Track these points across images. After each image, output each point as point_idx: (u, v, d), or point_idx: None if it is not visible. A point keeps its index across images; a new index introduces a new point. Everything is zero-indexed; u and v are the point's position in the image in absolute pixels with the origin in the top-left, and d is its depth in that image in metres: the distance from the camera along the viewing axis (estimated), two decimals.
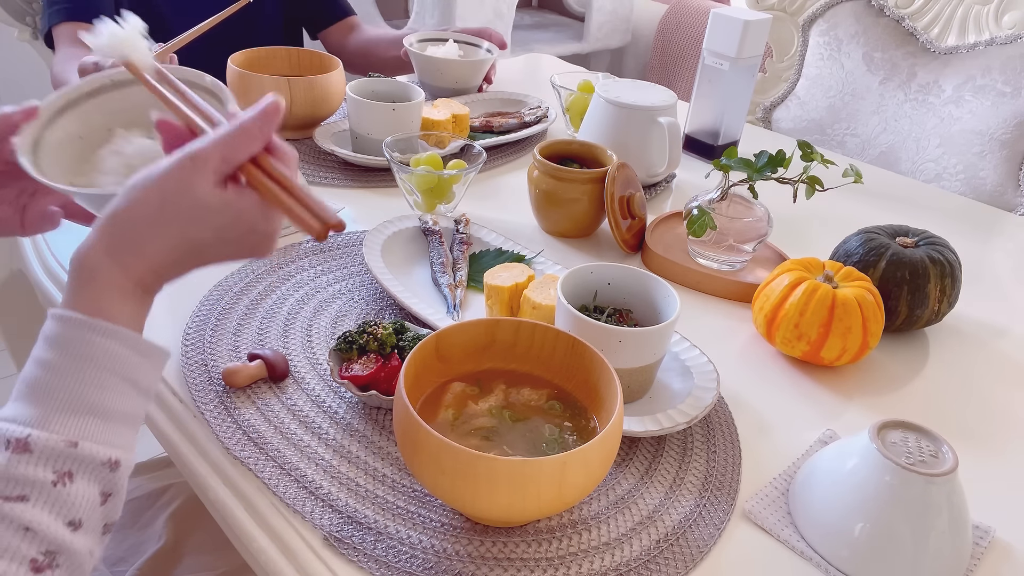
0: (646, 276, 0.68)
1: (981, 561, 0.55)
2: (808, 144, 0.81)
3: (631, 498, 0.58)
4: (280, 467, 0.57)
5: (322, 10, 1.52)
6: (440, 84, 1.27)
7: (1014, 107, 1.26)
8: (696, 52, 2.25)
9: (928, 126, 1.36)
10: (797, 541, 0.55)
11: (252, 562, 0.54)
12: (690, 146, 1.17)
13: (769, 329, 0.73)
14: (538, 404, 0.58)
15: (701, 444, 0.63)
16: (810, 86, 1.51)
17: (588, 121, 1.05)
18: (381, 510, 0.54)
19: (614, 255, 0.90)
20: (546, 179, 0.89)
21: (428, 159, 0.89)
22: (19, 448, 0.42)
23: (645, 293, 0.68)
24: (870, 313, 0.70)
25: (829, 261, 0.78)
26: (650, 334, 0.62)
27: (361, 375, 0.61)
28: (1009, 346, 0.81)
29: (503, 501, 0.48)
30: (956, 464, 0.52)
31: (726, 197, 0.85)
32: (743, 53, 1.06)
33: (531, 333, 0.59)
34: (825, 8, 1.47)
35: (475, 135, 1.13)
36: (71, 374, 0.44)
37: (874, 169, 1.24)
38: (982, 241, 1.06)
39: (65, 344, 0.44)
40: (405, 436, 0.50)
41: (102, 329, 0.45)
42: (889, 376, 0.75)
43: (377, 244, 0.80)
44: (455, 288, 0.77)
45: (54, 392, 0.44)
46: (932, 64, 1.37)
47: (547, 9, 2.90)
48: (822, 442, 0.64)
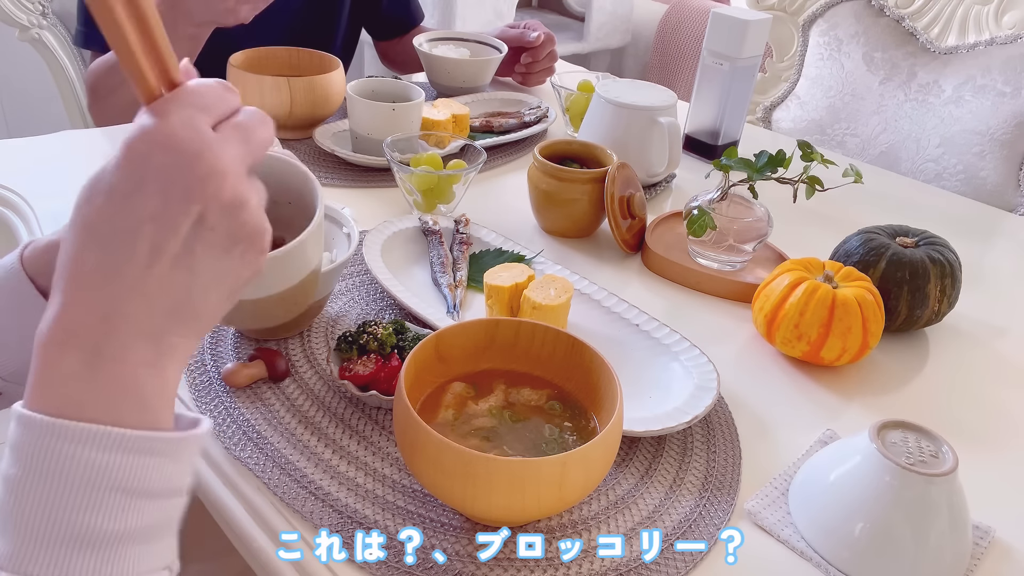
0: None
1: (981, 561, 0.55)
2: (808, 144, 0.81)
3: (631, 498, 0.58)
4: (280, 467, 0.57)
5: (395, 19, 1.50)
6: (448, 83, 1.28)
7: (1014, 107, 1.26)
8: (696, 52, 2.25)
9: (928, 126, 1.36)
10: (797, 541, 0.55)
11: (252, 562, 0.54)
12: (690, 146, 1.17)
13: (769, 329, 0.73)
14: (538, 404, 0.58)
15: (701, 444, 0.63)
16: (810, 86, 1.51)
17: (588, 121, 1.05)
18: (381, 510, 0.54)
19: (614, 255, 0.90)
20: (546, 179, 0.89)
21: (428, 159, 0.89)
22: None
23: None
24: (870, 313, 0.70)
25: (829, 261, 0.78)
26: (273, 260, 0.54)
27: (361, 375, 0.61)
28: (1009, 346, 0.81)
29: (503, 501, 0.48)
30: (956, 464, 0.52)
31: (726, 197, 0.85)
32: (743, 53, 1.06)
33: (531, 333, 0.59)
34: (825, 8, 1.47)
35: (475, 135, 1.13)
36: (40, 497, 0.34)
37: (874, 169, 1.24)
38: (982, 241, 1.06)
39: (27, 456, 0.34)
40: (405, 436, 0.50)
41: (68, 432, 0.34)
42: (889, 376, 0.75)
43: (377, 244, 0.80)
44: (455, 288, 0.77)
45: (24, 520, 0.33)
46: (932, 64, 1.37)
47: (547, 9, 2.90)
48: (822, 442, 0.64)
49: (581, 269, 0.84)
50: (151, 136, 0.35)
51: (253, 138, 0.39)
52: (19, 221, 0.85)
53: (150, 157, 0.35)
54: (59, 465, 0.34)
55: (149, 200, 0.35)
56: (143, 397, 0.36)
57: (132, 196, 0.35)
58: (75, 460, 0.34)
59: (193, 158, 0.36)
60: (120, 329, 0.36)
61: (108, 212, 0.36)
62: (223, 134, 0.37)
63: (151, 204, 0.35)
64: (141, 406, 0.36)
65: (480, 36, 1.37)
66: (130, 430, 0.35)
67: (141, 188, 0.35)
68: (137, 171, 0.35)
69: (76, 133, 1.06)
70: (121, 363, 0.36)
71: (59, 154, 0.99)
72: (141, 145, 0.35)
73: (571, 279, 0.78)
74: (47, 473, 0.34)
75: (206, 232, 0.37)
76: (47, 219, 0.83)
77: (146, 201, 0.35)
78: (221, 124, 0.38)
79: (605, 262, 0.89)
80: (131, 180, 0.35)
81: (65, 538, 0.33)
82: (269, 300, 0.60)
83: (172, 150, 0.35)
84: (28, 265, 0.50)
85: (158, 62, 0.37)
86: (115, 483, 0.34)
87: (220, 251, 0.38)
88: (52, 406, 0.35)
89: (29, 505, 0.34)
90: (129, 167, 0.35)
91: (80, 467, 0.34)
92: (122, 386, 0.36)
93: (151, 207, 0.35)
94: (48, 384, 0.35)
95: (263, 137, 0.40)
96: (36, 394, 0.35)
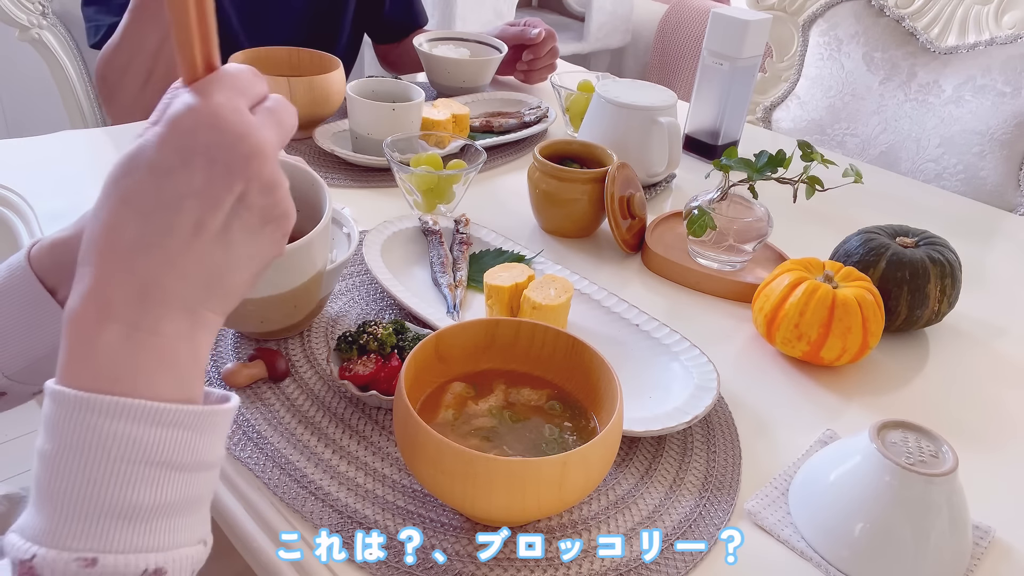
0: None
1: (981, 561, 0.55)
2: (808, 144, 0.81)
3: (631, 498, 0.58)
4: (280, 467, 0.57)
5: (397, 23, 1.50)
6: (448, 83, 1.28)
7: (1014, 107, 1.26)
8: (696, 52, 2.25)
9: (928, 126, 1.36)
10: (797, 541, 0.55)
11: (252, 562, 0.54)
12: (690, 146, 1.17)
13: (769, 329, 0.73)
14: (538, 404, 0.58)
15: (701, 444, 0.63)
16: (810, 86, 1.51)
17: (588, 121, 1.05)
18: (381, 510, 0.54)
19: (614, 255, 0.90)
20: (546, 179, 0.89)
21: (428, 159, 0.89)
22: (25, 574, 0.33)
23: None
24: (870, 313, 0.70)
25: (829, 261, 0.78)
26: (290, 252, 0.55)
27: (361, 375, 0.61)
28: (1009, 346, 0.81)
29: (503, 501, 0.48)
30: (956, 464, 0.52)
31: (726, 197, 0.85)
32: (743, 53, 1.06)
33: (531, 333, 0.59)
34: (825, 8, 1.47)
35: (475, 135, 1.13)
36: (76, 472, 0.34)
37: (874, 169, 1.24)
38: (982, 241, 1.06)
39: (61, 432, 0.34)
40: (405, 436, 0.50)
41: (103, 406, 0.34)
42: (889, 376, 0.75)
43: (377, 244, 0.80)
44: (455, 288, 0.77)
45: (61, 495, 0.34)
46: (932, 64, 1.37)
47: (547, 9, 2.90)
48: (822, 442, 0.64)
49: (581, 269, 0.84)
50: (198, 114, 0.36)
51: (284, 124, 0.40)
52: (19, 221, 0.85)
53: (196, 134, 0.36)
54: (94, 439, 0.34)
55: (194, 175, 0.36)
56: (178, 369, 0.37)
57: (177, 171, 0.36)
58: (109, 433, 0.34)
59: (238, 138, 0.36)
60: (158, 301, 0.36)
61: (151, 186, 0.36)
62: (260, 118, 0.38)
63: (196, 179, 0.36)
64: (176, 378, 0.37)
65: (480, 36, 1.37)
66: (163, 403, 0.35)
67: (187, 163, 0.36)
68: (183, 147, 0.36)
69: (76, 133, 1.06)
70: (159, 335, 0.36)
71: (59, 154, 0.99)
72: (188, 122, 0.36)
73: (571, 279, 0.78)
74: (82, 447, 0.34)
75: (244, 210, 0.38)
76: (47, 219, 0.83)
77: (191, 176, 0.36)
78: (255, 108, 0.39)
79: (605, 262, 0.89)
80: (177, 155, 0.36)
81: (101, 512, 0.34)
82: (273, 299, 0.61)
83: (218, 129, 0.36)
84: (36, 264, 0.50)
85: (205, 45, 0.38)
86: (149, 456, 0.35)
87: (254, 229, 0.39)
88: (87, 380, 0.35)
89: (65, 480, 0.34)
90: (175, 143, 0.36)
91: (114, 440, 0.34)
92: (159, 358, 0.36)
93: (196, 182, 0.36)
94: (83, 358, 0.35)
95: (292, 123, 0.41)
96: (71, 369, 0.35)
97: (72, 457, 0.34)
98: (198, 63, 0.38)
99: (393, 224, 0.84)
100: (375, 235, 0.81)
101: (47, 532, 0.33)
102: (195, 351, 0.38)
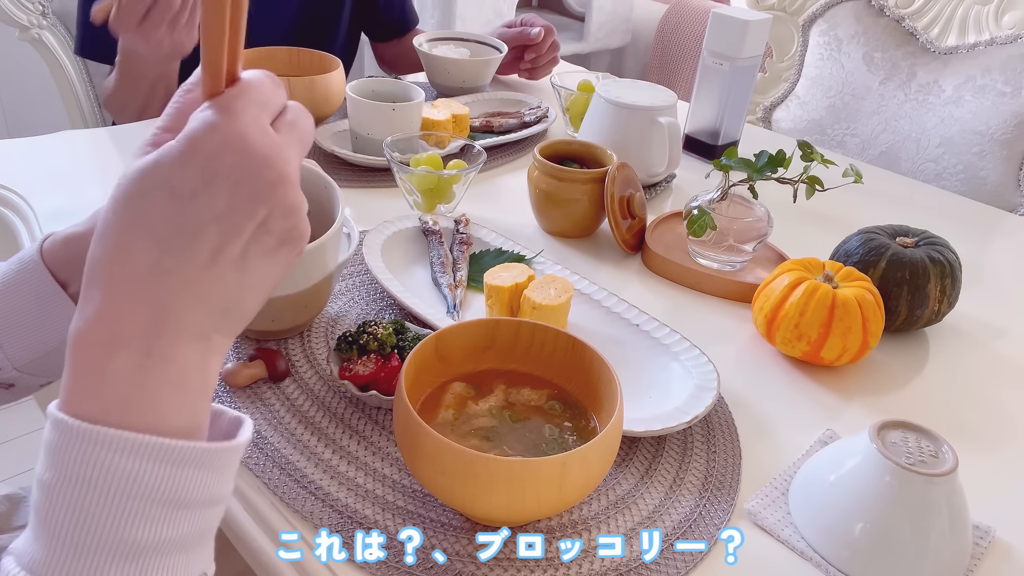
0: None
1: (981, 561, 0.55)
2: (808, 144, 0.81)
3: (631, 498, 0.58)
4: (280, 467, 0.57)
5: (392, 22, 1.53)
6: (448, 83, 1.28)
7: (1014, 107, 1.26)
8: (696, 52, 2.25)
9: (928, 126, 1.36)
10: (797, 541, 0.55)
11: (252, 562, 0.54)
12: (690, 146, 1.17)
13: (769, 329, 0.73)
14: (538, 404, 0.58)
15: (701, 444, 0.63)
16: (810, 86, 1.51)
17: (588, 121, 1.05)
18: (381, 510, 0.54)
19: (614, 255, 0.90)
20: (546, 179, 0.89)
21: (428, 159, 0.89)
22: None
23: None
24: (870, 313, 0.70)
25: (829, 261, 0.78)
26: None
27: (361, 375, 0.61)
28: (1009, 346, 0.81)
29: (503, 501, 0.48)
30: (956, 464, 0.52)
31: (726, 197, 0.85)
32: (743, 53, 1.06)
33: (531, 333, 0.59)
34: (825, 8, 1.47)
35: (475, 135, 1.13)
36: (75, 505, 0.32)
37: (874, 169, 1.24)
38: (982, 241, 1.06)
39: (62, 463, 0.33)
40: (405, 436, 0.50)
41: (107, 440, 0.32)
42: (889, 376, 0.75)
43: (377, 244, 0.80)
44: (455, 288, 0.77)
45: (58, 527, 0.32)
46: (932, 64, 1.37)
47: (547, 9, 2.90)
48: (822, 442, 0.64)
49: (581, 269, 0.84)
50: (223, 136, 0.34)
51: (305, 137, 0.39)
52: (19, 221, 0.85)
53: (222, 157, 0.34)
54: (95, 473, 0.32)
55: (216, 200, 0.34)
56: (189, 396, 0.36)
57: (199, 195, 0.34)
58: (113, 469, 0.32)
59: (264, 164, 0.35)
60: (172, 329, 0.35)
61: (170, 209, 0.34)
62: (283, 136, 0.37)
63: (218, 204, 0.34)
64: (186, 405, 0.35)
65: (480, 36, 1.37)
66: (170, 440, 0.33)
67: (209, 188, 0.34)
68: (206, 170, 0.34)
69: (76, 133, 1.05)
70: (171, 364, 0.35)
71: (59, 154, 0.99)
72: (213, 144, 0.34)
73: (571, 279, 0.78)
74: (82, 480, 0.32)
75: (264, 235, 0.36)
76: (47, 219, 0.83)
77: (213, 201, 0.34)
78: (277, 122, 0.37)
79: (605, 262, 0.89)
80: (200, 178, 0.34)
81: (100, 547, 0.32)
82: (287, 299, 0.62)
83: (245, 153, 0.34)
84: (48, 257, 0.49)
85: (233, 55, 0.36)
86: (154, 494, 0.33)
87: (270, 252, 0.37)
88: (94, 409, 0.33)
89: (64, 512, 0.32)
90: (198, 165, 0.34)
91: (118, 476, 0.32)
92: (170, 387, 0.35)
93: (218, 208, 0.34)
94: (91, 386, 0.34)
95: (311, 134, 0.40)
96: (76, 396, 0.34)
97: (72, 490, 0.32)
98: (223, 74, 0.36)
99: (393, 224, 0.84)
100: (375, 235, 0.81)
101: (42, 564, 0.32)
102: (206, 377, 0.37)
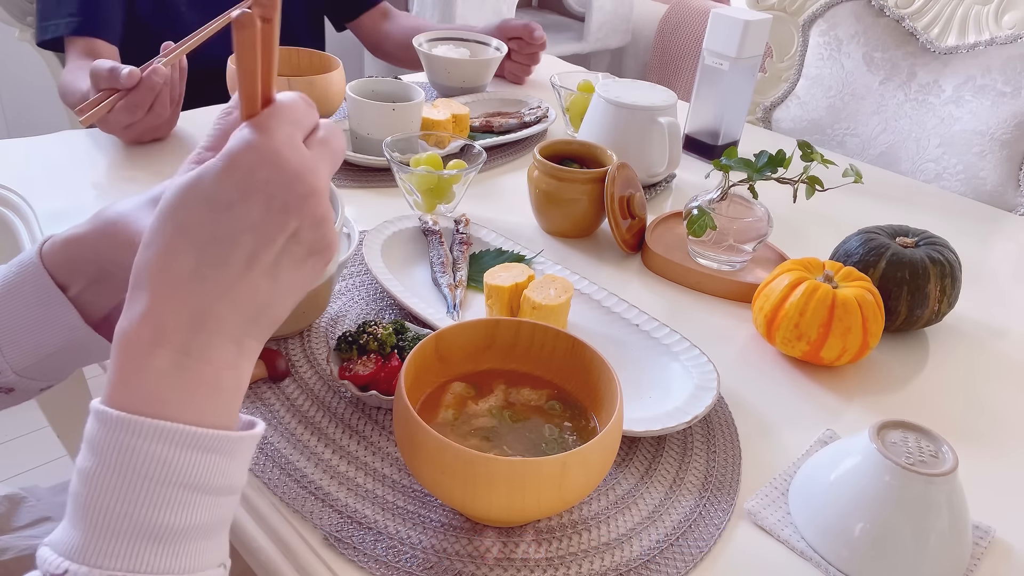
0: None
1: (981, 561, 0.55)
2: (808, 144, 0.81)
3: (631, 498, 0.58)
4: (280, 467, 0.57)
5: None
6: (448, 83, 1.28)
7: (1014, 107, 1.26)
8: (696, 52, 2.25)
9: (928, 126, 1.36)
10: (797, 541, 0.55)
11: (252, 562, 0.54)
12: (690, 146, 1.17)
13: (769, 329, 0.73)
14: (538, 404, 0.58)
15: (701, 444, 0.63)
16: (810, 86, 1.51)
17: (588, 121, 1.05)
18: (381, 510, 0.54)
19: (614, 255, 0.90)
20: (546, 179, 0.89)
21: (428, 159, 0.89)
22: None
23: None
24: (870, 313, 0.70)
25: (829, 261, 0.78)
26: None
27: (361, 375, 0.61)
28: (1009, 346, 0.81)
29: (503, 501, 0.48)
30: (956, 464, 0.52)
31: (726, 197, 0.85)
32: (743, 53, 1.06)
33: (531, 333, 0.59)
34: (825, 8, 1.47)
35: (475, 135, 1.13)
36: (113, 491, 0.35)
37: (874, 169, 1.24)
38: (982, 241, 1.06)
39: (103, 452, 0.35)
40: (405, 436, 0.50)
41: (144, 429, 0.35)
42: (889, 376, 0.75)
43: (377, 244, 0.80)
44: (455, 288, 0.77)
45: (96, 513, 0.35)
46: (932, 64, 1.37)
47: (547, 9, 2.90)
48: (822, 442, 0.64)
49: (581, 269, 0.84)
50: (259, 152, 0.37)
51: (337, 153, 0.42)
52: (19, 221, 0.85)
53: (256, 171, 0.37)
54: (134, 460, 0.35)
55: (251, 211, 0.37)
56: (223, 396, 0.38)
57: (235, 206, 0.37)
58: (148, 455, 0.35)
59: (296, 177, 0.38)
60: (209, 331, 0.38)
61: (208, 219, 0.37)
62: (316, 152, 0.40)
63: (253, 215, 0.38)
64: (220, 404, 0.38)
65: (480, 36, 1.36)
66: (202, 428, 0.36)
67: (245, 199, 0.37)
68: (243, 183, 0.37)
69: (76, 133, 1.05)
70: (208, 363, 0.38)
71: (59, 154, 0.99)
72: (249, 159, 0.37)
73: (571, 279, 0.78)
74: (122, 467, 0.35)
75: (294, 245, 0.39)
76: (47, 219, 0.83)
77: (248, 212, 0.37)
78: (309, 139, 0.40)
79: (605, 262, 0.89)
80: (236, 191, 0.37)
81: (135, 532, 0.35)
82: None
83: (278, 167, 0.38)
84: (47, 260, 0.50)
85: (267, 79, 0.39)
86: (184, 479, 0.36)
87: (300, 262, 0.40)
88: (135, 402, 0.36)
89: (102, 498, 0.35)
90: (234, 178, 0.37)
91: (153, 462, 0.35)
92: (206, 385, 0.38)
93: (252, 218, 0.38)
94: (133, 381, 0.36)
95: (343, 150, 0.43)
96: (119, 390, 0.36)
97: (111, 476, 0.35)
98: (258, 99, 0.39)
99: (393, 224, 0.84)
100: (375, 235, 0.81)
101: (80, 548, 0.34)
102: (239, 378, 0.39)
